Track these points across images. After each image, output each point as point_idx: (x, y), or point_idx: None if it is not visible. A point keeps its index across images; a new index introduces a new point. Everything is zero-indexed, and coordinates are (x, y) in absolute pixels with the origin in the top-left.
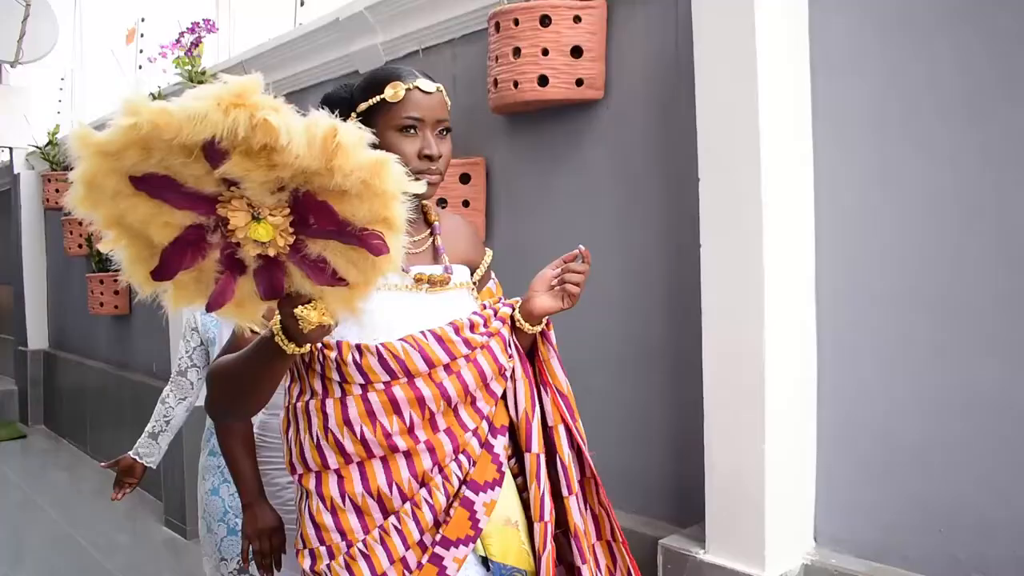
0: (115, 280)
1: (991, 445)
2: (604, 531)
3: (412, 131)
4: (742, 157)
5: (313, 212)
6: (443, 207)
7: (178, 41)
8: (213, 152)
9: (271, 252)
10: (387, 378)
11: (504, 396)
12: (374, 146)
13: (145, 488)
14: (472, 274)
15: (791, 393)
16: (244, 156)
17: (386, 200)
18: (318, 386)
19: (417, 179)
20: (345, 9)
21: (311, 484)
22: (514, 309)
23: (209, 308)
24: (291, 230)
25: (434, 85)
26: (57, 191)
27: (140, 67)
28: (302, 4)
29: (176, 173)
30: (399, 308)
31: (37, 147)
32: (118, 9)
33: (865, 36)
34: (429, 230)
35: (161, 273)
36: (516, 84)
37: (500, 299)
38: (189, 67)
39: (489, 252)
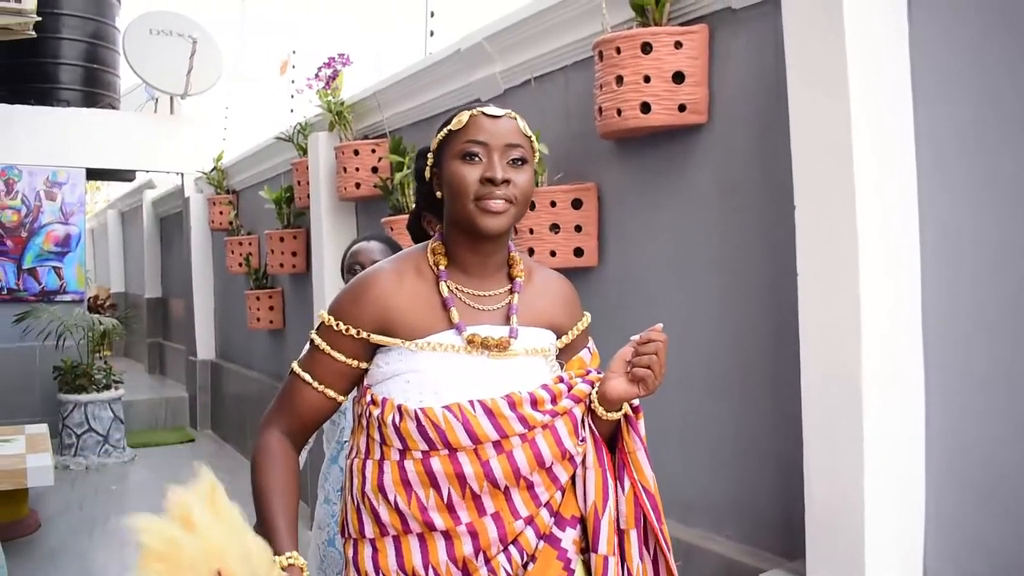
0: (270, 297)
1: None
2: None
3: (476, 158)
4: (835, 184)
5: None
6: (556, 233)
7: (317, 75)
8: None
9: None
10: (425, 447)
11: (574, 482)
12: (439, 177)
13: None
14: (559, 339)
15: (894, 422)
16: None
17: None
18: (363, 445)
19: (479, 207)
20: (466, 40)
21: (349, 553)
22: (593, 387)
23: None
24: None
25: (504, 111)
26: (221, 213)
27: (292, 96)
28: (432, 34)
29: None
30: (452, 371)
31: (203, 173)
32: (274, 43)
33: (968, 53)
34: (510, 286)
35: None
36: (619, 112)
37: (587, 372)
38: (329, 99)
39: (586, 316)
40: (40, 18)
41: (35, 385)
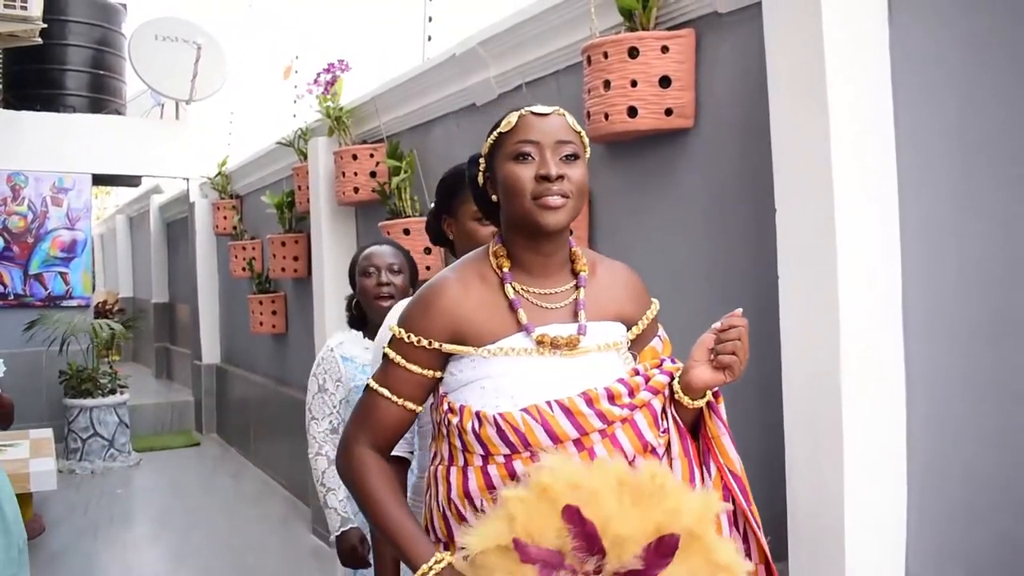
0: (272, 301)
1: None
2: None
3: (529, 157)
4: (814, 187)
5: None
6: None
7: (316, 80)
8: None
9: None
10: (507, 451)
11: None
12: (493, 181)
13: (299, 497)
14: (629, 330)
15: (875, 426)
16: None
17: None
18: (445, 452)
19: (537, 205)
20: (461, 45)
21: None
22: (673, 378)
23: None
24: None
25: (552, 109)
26: (225, 218)
27: (295, 101)
28: (429, 39)
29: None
30: (525, 373)
31: (208, 178)
32: (279, 48)
33: (949, 55)
34: (574, 282)
35: None
36: (607, 116)
37: (663, 361)
38: (328, 104)
39: (655, 304)
40: (46, 24)
41: (41, 390)
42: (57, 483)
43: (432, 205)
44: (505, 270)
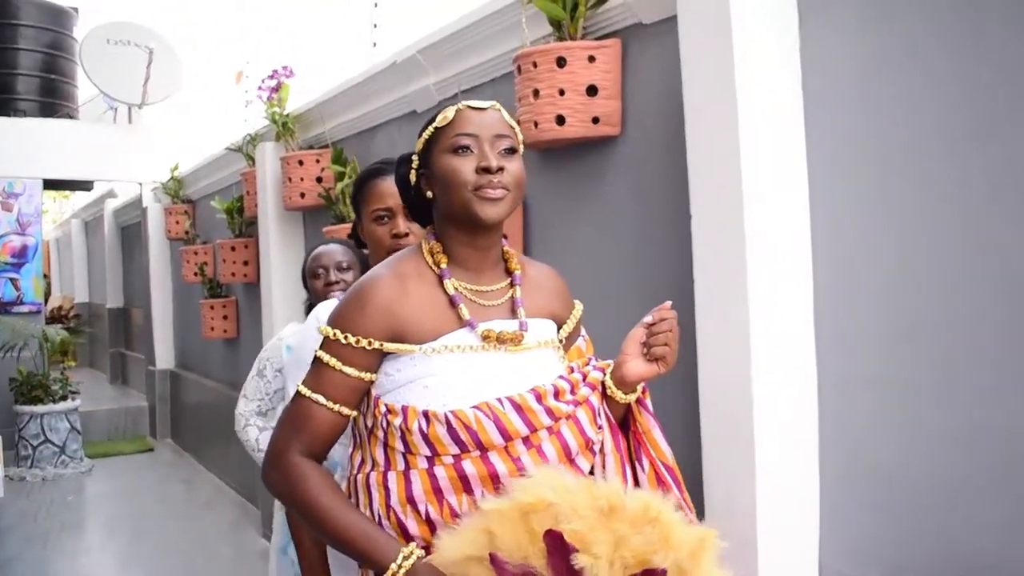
0: (224, 306)
1: (1000, 484)
2: None
3: (468, 150)
4: (725, 193)
5: None
6: None
7: (261, 86)
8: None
9: None
10: (456, 450)
11: (592, 473)
12: (428, 177)
13: (250, 500)
14: (559, 330)
15: (786, 432)
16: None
17: None
18: (380, 456)
19: (477, 196)
20: (401, 53)
21: (371, 571)
22: (605, 374)
23: None
24: None
25: (488, 103)
26: (177, 223)
27: (245, 106)
28: (375, 46)
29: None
30: (472, 370)
31: (160, 183)
32: (232, 52)
33: (859, 67)
34: (508, 280)
35: None
36: (536, 124)
37: (590, 360)
38: (274, 110)
39: (579, 306)
40: None
41: None
42: (7, 491)
43: None
44: (443, 266)
